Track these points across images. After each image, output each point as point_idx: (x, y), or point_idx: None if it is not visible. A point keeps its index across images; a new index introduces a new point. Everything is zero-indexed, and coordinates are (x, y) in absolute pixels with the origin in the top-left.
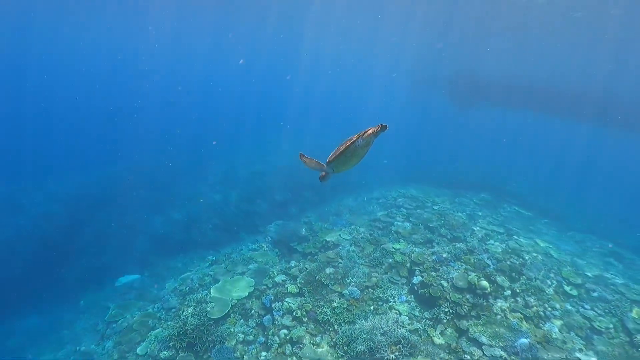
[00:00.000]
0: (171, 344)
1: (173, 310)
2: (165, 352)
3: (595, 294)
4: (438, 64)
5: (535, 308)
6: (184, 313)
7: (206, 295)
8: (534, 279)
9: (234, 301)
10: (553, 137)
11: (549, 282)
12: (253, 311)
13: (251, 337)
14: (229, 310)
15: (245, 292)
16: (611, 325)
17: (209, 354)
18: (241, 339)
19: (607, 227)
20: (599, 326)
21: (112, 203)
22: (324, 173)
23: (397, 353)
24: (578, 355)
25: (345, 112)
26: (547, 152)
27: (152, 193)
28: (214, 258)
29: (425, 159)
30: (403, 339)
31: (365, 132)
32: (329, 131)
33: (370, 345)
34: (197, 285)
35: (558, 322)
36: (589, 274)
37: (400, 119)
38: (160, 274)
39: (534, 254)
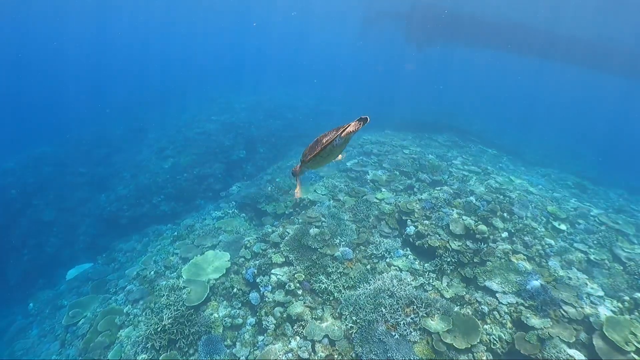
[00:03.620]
0: (149, 344)
1: (141, 302)
2: (143, 356)
3: (581, 227)
4: None
5: (534, 247)
6: (156, 305)
7: (177, 279)
8: (525, 217)
9: (211, 282)
10: (501, 75)
11: (539, 219)
12: (236, 289)
13: (240, 320)
14: (208, 294)
15: (222, 269)
16: (605, 257)
17: (195, 347)
18: (228, 324)
19: (561, 160)
20: (594, 259)
21: (48, 186)
22: (297, 167)
23: (412, 315)
24: (586, 290)
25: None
26: (494, 90)
27: (92, 169)
28: (175, 233)
29: (381, 102)
30: (415, 299)
31: (344, 129)
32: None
33: (382, 311)
34: (162, 268)
35: (558, 259)
36: (569, 207)
37: (351, 60)
38: (117, 259)
39: (517, 192)
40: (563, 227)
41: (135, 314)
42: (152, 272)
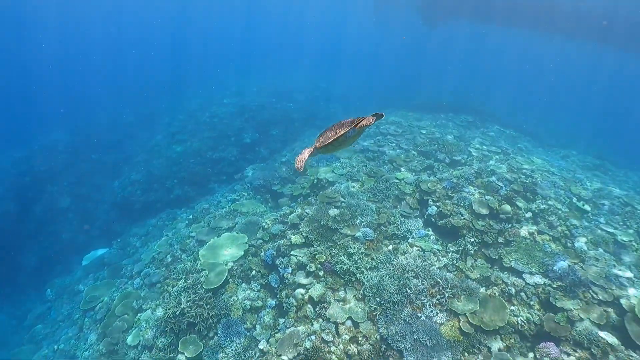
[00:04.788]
0: (167, 328)
1: (158, 285)
2: (162, 340)
3: (605, 208)
4: None
5: (559, 228)
6: (174, 289)
7: (194, 262)
8: (548, 198)
9: (229, 264)
10: (516, 54)
11: (563, 200)
12: (254, 272)
13: (259, 303)
14: (226, 276)
15: (240, 250)
16: (632, 238)
17: (215, 330)
18: (248, 307)
19: (579, 141)
20: (621, 239)
21: (61, 174)
22: (312, 150)
23: (439, 297)
24: (615, 271)
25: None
26: (508, 70)
27: (105, 156)
28: (190, 217)
29: (395, 83)
30: (441, 279)
31: (359, 122)
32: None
33: (406, 292)
34: (179, 251)
35: (583, 240)
36: (592, 188)
37: (362, 40)
38: (132, 244)
39: (539, 172)
40: (587, 207)
41: (152, 298)
42: (169, 256)
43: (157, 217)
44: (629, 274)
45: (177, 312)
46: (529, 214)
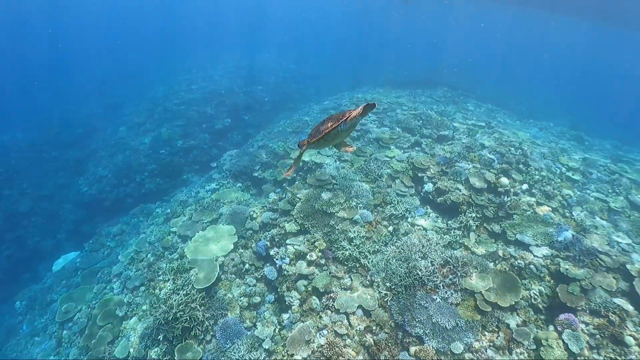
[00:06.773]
0: (160, 335)
1: (142, 288)
2: (156, 349)
3: (593, 176)
4: None
5: (556, 198)
6: (162, 291)
7: (180, 260)
8: (540, 169)
9: (219, 259)
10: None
11: (553, 170)
12: (247, 265)
13: (257, 299)
14: (218, 273)
15: (229, 244)
16: (623, 205)
17: (212, 333)
18: (245, 304)
19: (551, 113)
20: (615, 207)
21: (20, 175)
22: (304, 142)
23: (451, 276)
24: (615, 238)
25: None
26: (478, 45)
27: (67, 152)
28: (168, 211)
29: (368, 61)
30: (450, 258)
31: (350, 115)
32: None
33: (417, 274)
34: (160, 249)
35: (579, 209)
36: (577, 158)
37: (329, 20)
38: (106, 244)
39: (526, 144)
40: (577, 177)
41: (137, 303)
42: (149, 255)
43: (130, 214)
44: (627, 240)
45: (170, 317)
46: (525, 186)
